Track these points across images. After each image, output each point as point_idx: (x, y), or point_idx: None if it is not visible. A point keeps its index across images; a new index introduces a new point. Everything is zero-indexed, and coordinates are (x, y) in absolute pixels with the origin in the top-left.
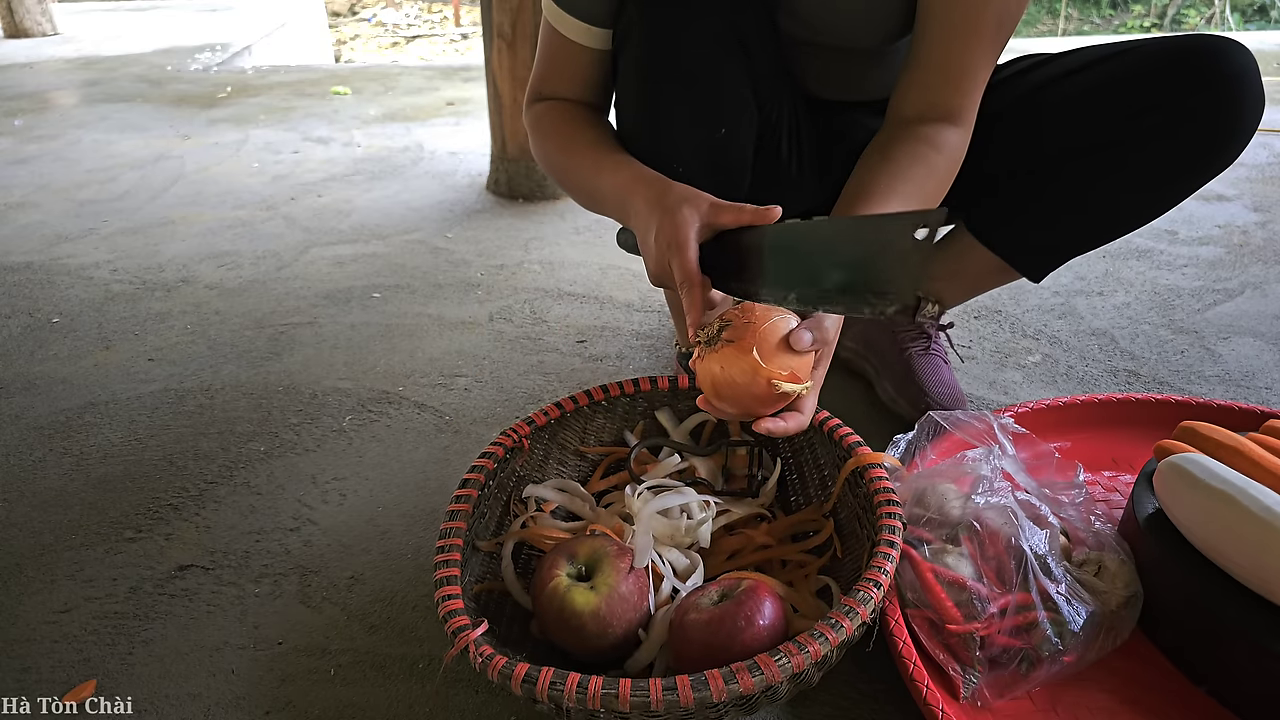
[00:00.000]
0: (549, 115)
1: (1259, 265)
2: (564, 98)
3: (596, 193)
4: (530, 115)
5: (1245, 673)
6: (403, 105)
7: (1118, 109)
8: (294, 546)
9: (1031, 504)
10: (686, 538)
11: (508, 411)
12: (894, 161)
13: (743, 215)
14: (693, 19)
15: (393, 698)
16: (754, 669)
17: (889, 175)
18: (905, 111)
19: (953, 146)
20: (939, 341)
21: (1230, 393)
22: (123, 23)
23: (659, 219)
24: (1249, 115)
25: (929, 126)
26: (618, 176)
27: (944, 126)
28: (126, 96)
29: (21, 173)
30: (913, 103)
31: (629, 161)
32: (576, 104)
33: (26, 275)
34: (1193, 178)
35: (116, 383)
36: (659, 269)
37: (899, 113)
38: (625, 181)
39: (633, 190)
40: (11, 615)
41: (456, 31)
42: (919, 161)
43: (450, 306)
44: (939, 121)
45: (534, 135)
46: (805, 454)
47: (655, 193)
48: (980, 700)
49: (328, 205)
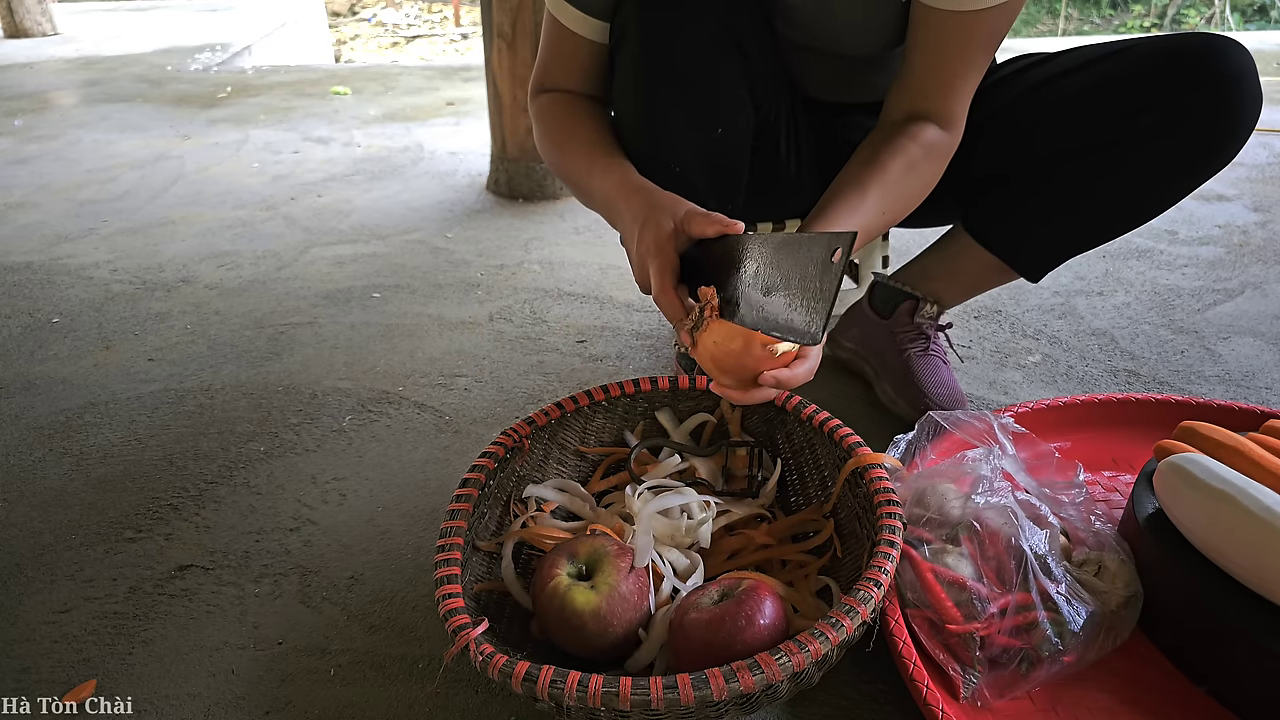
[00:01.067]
0: (551, 109)
1: (1259, 265)
2: (566, 89)
3: (589, 193)
4: (534, 107)
5: (1245, 673)
6: (403, 105)
7: (1115, 108)
8: (294, 546)
9: (1031, 504)
10: (687, 538)
11: (508, 411)
12: (875, 156)
13: (710, 225)
14: (687, 20)
15: (393, 698)
16: (754, 668)
17: (870, 167)
18: (894, 115)
19: (939, 147)
20: (938, 342)
21: (1230, 393)
22: (123, 23)
23: (640, 226)
24: (1247, 114)
25: (917, 125)
26: (607, 180)
27: (932, 127)
28: (126, 96)
29: (21, 173)
30: (902, 107)
31: (620, 165)
32: (578, 96)
33: (26, 275)
34: (1191, 177)
35: (116, 383)
36: (640, 274)
37: (890, 115)
38: (613, 186)
39: (620, 196)
40: (11, 615)
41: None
42: (898, 155)
43: (450, 306)
44: (925, 121)
45: (536, 128)
46: (805, 454)
47: (640, 200)
48: (980, 700)
49: (328, 205)
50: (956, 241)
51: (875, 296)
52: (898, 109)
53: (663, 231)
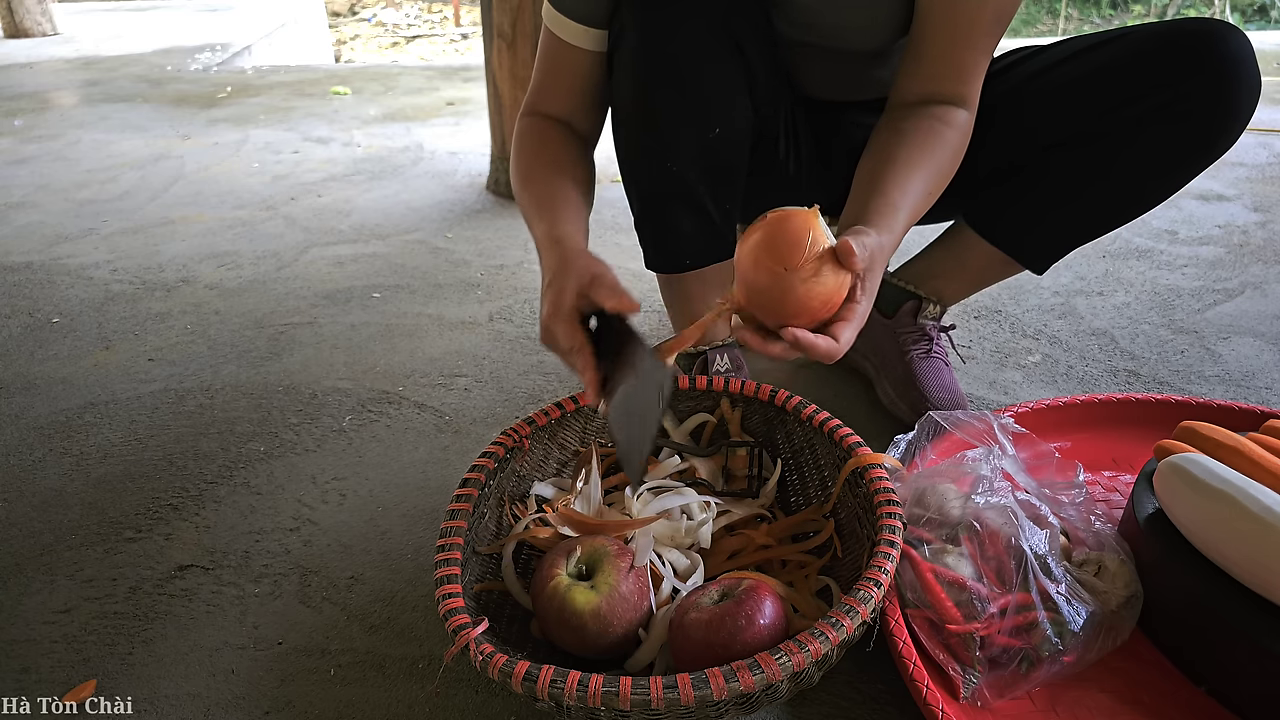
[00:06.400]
0: (527, 135)
1: (1259, 265)
2: (554, 115)
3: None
4: (517, 129)
5: (1245, 673)
6: (403, 105)
7: (1114, 95)
8: (294, 546)
9: (1031, 504)
10: (687, 538)
11: (508, 411)
12: (909, 136)
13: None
14: (685, 20)
15: (393, 698)
16: (754, 667)
17: (908, 148)
18: (908, 98)
19: (962, 123)
20: (940, 343)
21: (1230, 393)
22: (123, 23)
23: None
24: (1245, 99)
25: (937, 106)
26: (539, 228)
27: (951, 107)
28: (126, 96)
29: (21, 173)
30: (916, 91)
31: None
32: (557, 125)
33: (26, 275)
34: (1191, 163)
35: (116, 383)
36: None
37: (903, 99)
38: (541, 234)
39: (543, 245)
40: (11, 615)
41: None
42: (933, 135)
43: (450, 306)
44: (945, 103)
45: (512, 152)
46: (805, 454)
47: (558, 257)
48: (980, 700)
49: (328, 205)
50: (959, 236)
51: (877, 295)
52: (910, 92)
53: (564, 295)
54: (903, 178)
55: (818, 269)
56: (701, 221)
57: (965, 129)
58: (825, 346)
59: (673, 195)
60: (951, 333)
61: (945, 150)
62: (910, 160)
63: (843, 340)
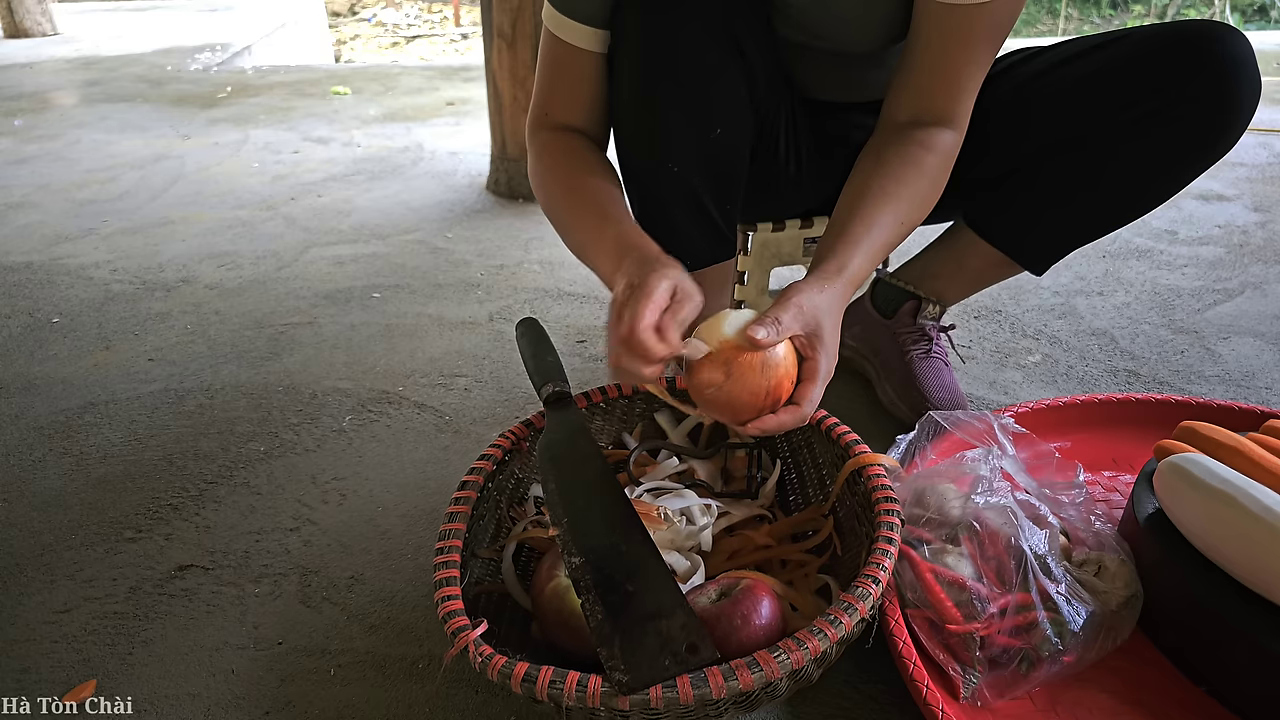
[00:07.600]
0: (553, 150)
1: (1259, 265)
2: (568, 125)
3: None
4: (535, 143)
5: (1246, 673)
6: (403, 105)
7: (1114, 96)
8: (294, 546)
9: (1031, 504)
10: (687, 541)
11: (508, 411)
12: (887, 164)
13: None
14: (685, 21)
15: (393, 698)
16: (753, 665)
17: (882, 178)
18: (898, 116)
19: (945, 148)
20: (940, 343)
21: (1230, 393)
22: (123, 23)
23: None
24: (1246, 100)
25: (922, 130)
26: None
27: (937, 129)
28: (126, 96)
29: (21, 173)
30: (905, 107)
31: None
32: (581, 139)
33: (26, 275)
34: (1191, 164)
35: (116, 383)
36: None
37: (892, 117)
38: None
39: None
40: (11, 615)
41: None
42: (911, 164)
43: (450, 306)
44: (932, 125)
45: (536, 166)
46: (804, 454)
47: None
48: (980, 700)
49: (328, 205)
50: (959, 237)
51: (877, 295)
52: (901, 109)
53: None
54: (871, 211)
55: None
56: (702, 222)
57: (949, 152)
58: (792, 419)
59: (674, 196)
60: (951, 333)
61: (923, 180)
62: (884, 192)
63: (807, 402)
